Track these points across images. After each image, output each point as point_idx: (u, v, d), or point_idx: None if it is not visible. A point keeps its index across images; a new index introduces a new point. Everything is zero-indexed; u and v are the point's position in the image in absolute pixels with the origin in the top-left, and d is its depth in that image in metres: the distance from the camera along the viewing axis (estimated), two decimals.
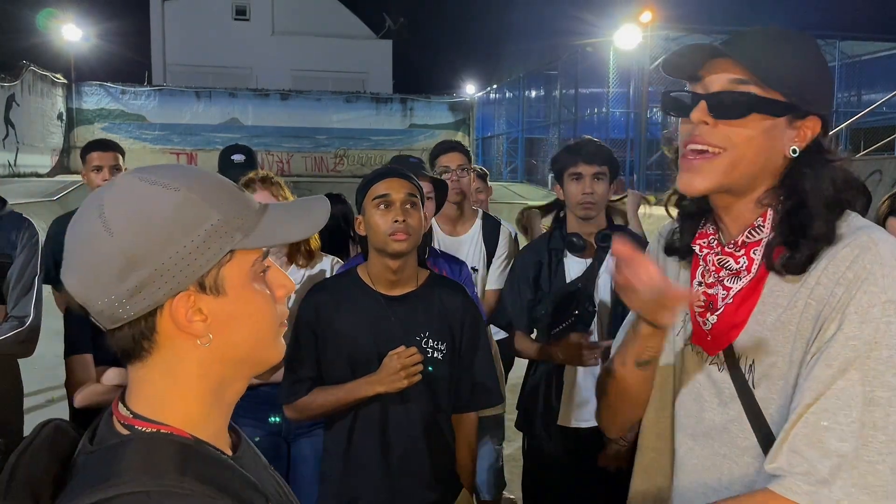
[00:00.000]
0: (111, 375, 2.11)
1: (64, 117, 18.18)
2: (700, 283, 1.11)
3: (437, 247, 2.60)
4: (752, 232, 1.05)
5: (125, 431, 0.72)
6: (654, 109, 14.29)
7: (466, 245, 2.80)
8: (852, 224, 1.02)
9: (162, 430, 0.72)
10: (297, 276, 2.33)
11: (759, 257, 1.04)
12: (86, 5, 20.60)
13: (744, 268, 1.05)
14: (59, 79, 17.81)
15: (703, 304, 1.10)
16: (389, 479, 1.77)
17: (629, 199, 2.93)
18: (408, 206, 1.77)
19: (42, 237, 2.41)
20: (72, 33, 19.20)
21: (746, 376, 1.04)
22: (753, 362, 1.04)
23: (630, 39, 14.31)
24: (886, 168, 7.08)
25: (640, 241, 2.42)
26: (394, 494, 1.77)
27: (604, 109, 16.69)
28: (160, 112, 19.32)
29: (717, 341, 1.08)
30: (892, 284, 0.92)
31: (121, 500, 0.64)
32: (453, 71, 26.15)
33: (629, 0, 14.54)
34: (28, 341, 2.18)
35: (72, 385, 2.13)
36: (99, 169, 3.06)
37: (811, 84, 1.03)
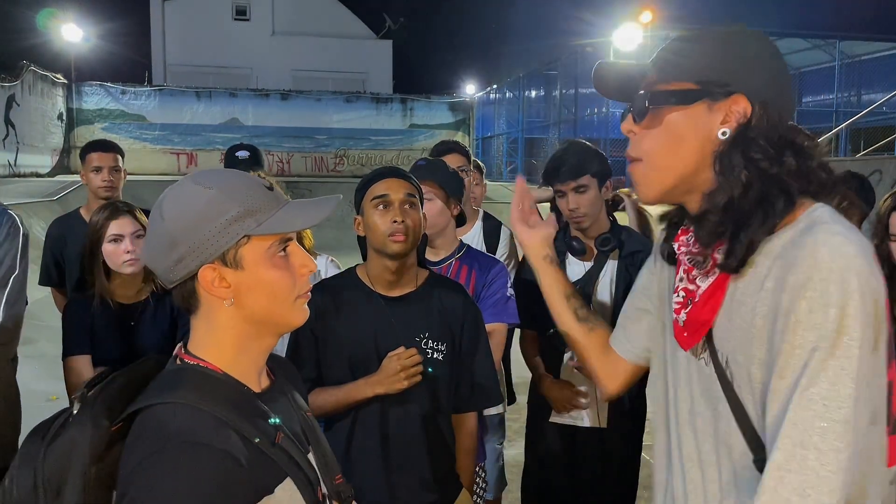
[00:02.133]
0: None
1: (64, 117, 18.17)
2: (681, 279, 1.12)
3: None
4: (692, 220, 1.07)
5: (179, 363, 1.00)
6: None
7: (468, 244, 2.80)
8: (811, 218, 0.98)
9: (200, 364, 0.99)
10: None
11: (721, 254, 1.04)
12: (86, 5, 20.62)
13: (709, 265, 1.05)
14: (59, 79, 17.80)
15: (681, 300, 1.11)
16: (389, 480, 1.77)
17: (626, 204, 2.92)
18: (407, 206, 1.77)
19: (41, 237, 2.39)
20: (72, 33, 19.18)
21: (726, 371, 1.04)
22: (728, 359, 1.04)
23: (630, 39, 14.31)
24: (886, 168, 7.08)
25: (643, 242, 2.42)
26: (394, 494, 1.77)
27: (604, 109, 16.68)
28: (160, 112, 19.31)
29: (690, 338, 1.10)
30: (828, 289, 0.89)
31: (156, 408, 0.92)
32: (453, 71, 26.20)
33: (629, 0, 14.54)
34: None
35: (70, 386, 2.12)
36: (98, 170, 3.05)
37: (731, 67, 1.01)
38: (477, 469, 2.22)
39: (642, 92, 1.06)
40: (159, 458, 0.86)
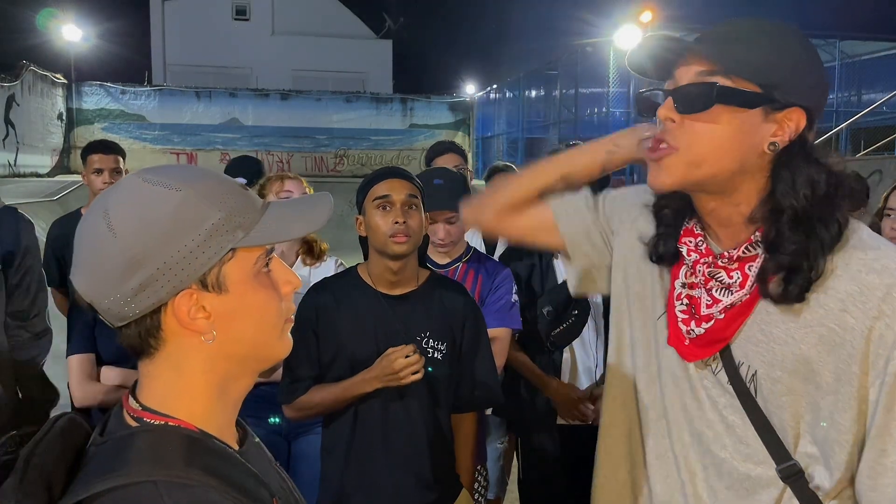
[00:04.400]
0: (111, 375, 2.11)
1: (64, 117, 18.16)
2: (683, 285, 1.07)
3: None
4: (749, 248, 0.99)
5: (134, 423, 0.74)
6: None
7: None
8: (863, 238, 0.96)
9: (170, 423, 0.74)
10: (302, 272, 2.36)
11: (754, 275, 0.98)
12: (86, 5, 20.62)
13: (737, 283, 1.00)
14: (59, 79, 17.79)
15: (685, 308, 1.05)
16: (389, 479, 1.77)
17: None
18: (408, 207, 1.77)
19: (42, 237, 2.41)
20: (72, 33, 19.18)
21: (748, 384, 1.01)
22: (756, 373, 1.00)
23: (630, 39, 14.30)
24: (886, 168, 7.08)
25: None
26: (394, 494, 1.77)
27: (604, 109, 16.67)
28: (160, 112, 19.29)
29: (698, 350, 1.05)
30: None
31: (130, 490, 0.66)
32: (453, 71, 26.19)
33: (629, 0, 14.54)
34: None
35: (73, 384, 2.13)
36: (100, 171, 3.06)
37: (790, 73, 0.95)
38: (479, 468, 2.22)
39: (699, 83, 0.95)
40: None
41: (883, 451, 0.92)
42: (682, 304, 1.06)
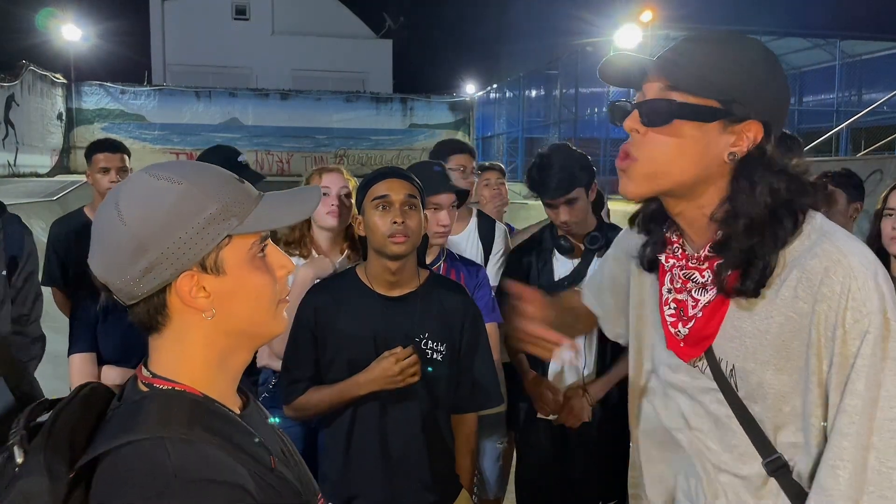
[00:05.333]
0: (112, 375, 2.11)
1: (64, 117, 18.15)
2: (669, 291, 1.12)
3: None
4: (713, 247, 1.06)
5: (146, 389, 0.85)
6: None
7: (464, 243, 2.80)
8: (816, 227, 1.01)
9: (176, 388, 0.84)
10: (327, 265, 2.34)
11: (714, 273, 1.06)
12: (86, 5, 20.60)
13: (709, 281, 1.06)
14: (58, 79, 17.78)
15: (674, 311, 1.11)
16: (389, 480, 1.77)
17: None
18: (407, 207, 1.76)
19: (42, 237, 2.41)
20: (71, 33, 19.16)
21: (729, 379, 1.06)
22: (734, 367, 1.05)
23: (630, 39, 14.29)
24: (886, 168, 7.07)
25: None
26: (393, 495, 1.77)
27: (604, 109, 16.67)
28: (160, 112, 19.29)
29: (691, 350, 1.10)
30: (869, 296, 0.93)
31: (139, 445, 0.77)
32: (453, 71, 26.15)
33: (629, 0, 14.53)
34: None
35: (74, 382, 2.13)
36: (106, 170, 3.07)
37: (748, 88, 1.00)
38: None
39: (663, 98, 1.02)
40: (163, 503, 0.73)
41: (839, 433, 0.95)
42: (670, 308, 1.12)
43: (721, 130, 1.01)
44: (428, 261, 2.33)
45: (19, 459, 0.75)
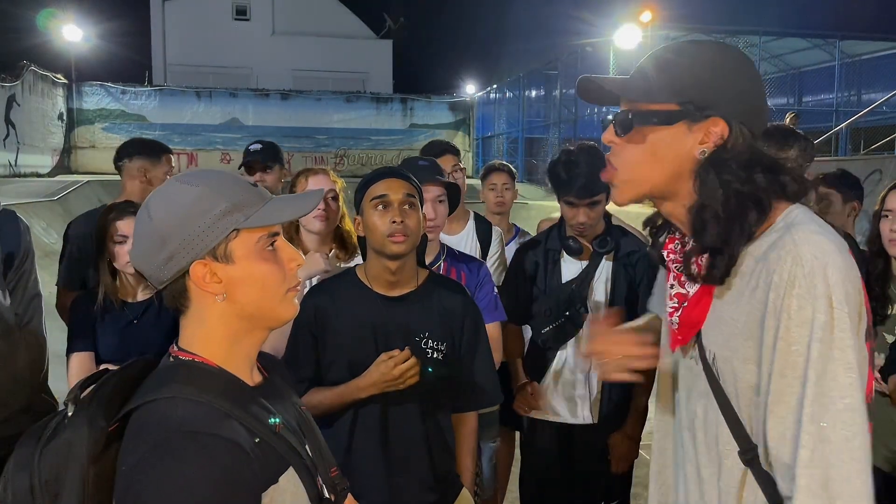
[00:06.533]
0: None
1: (64, 117, 18.17)
2: (672, 286, 1.18)
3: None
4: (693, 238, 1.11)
5: (172, 360, 1.01)
6: None
7: (462, 243, 2.80)
8: (789, 221, 1.04)
9: (195, 360, 1.00)
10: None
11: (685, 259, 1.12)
12: (86, 5, 20.61)
13: (695, 272, 1.10)
14: (59, 79, 17.79)
15: (675, 305, 1.16)
16: (389, 479, 1.77)
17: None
18: (406, 206, 1.77)
19: (42, 238, 2.39)
20: (72, 33, 19.16)
21: (713, 368, 1.10)
22: (715, 355, 1.10)
23: (630, 39, 14.29)
24: (886, 168, 7.07)
25: (638, 243, 2.42)
26: (394, 494, 1.77)
27: (604, 109, 16.65)
28: (160, 112, 19.30)
29: (681, 338, 1.16)
30: (814, 284, 0.96)
31: (156, 403, 0.93)
32: (453, 71, 26.12)
33: (629, 0, 14.53)
34: None
35: (72, 382, 2.13)
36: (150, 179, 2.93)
37: (705, 89, 1.05)
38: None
39: (625, 109, 1.10)
40: (164, 450, 0.86)
41: (781, 419, 0.98)
42: (672, 301, 1.17)
43: (687, 131, 1.07)
44: (428, 260, 2.32)
45: (70, 412, 0.93)
